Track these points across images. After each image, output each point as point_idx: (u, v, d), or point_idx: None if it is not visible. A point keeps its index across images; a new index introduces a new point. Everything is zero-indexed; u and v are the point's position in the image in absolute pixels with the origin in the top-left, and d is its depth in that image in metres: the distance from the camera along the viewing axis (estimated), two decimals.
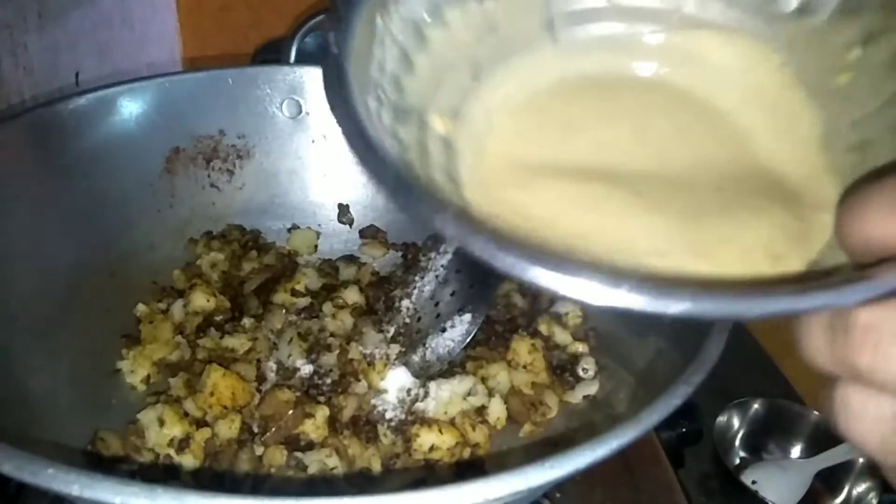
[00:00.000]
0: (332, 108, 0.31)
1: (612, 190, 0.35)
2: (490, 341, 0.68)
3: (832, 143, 0.35)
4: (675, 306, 0.23)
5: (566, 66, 0.42)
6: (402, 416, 0.60)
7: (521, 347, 0.65)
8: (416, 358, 0.64)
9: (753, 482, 0.81)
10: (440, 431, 0.58)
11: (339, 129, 0.30)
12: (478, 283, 0.66)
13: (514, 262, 0.24)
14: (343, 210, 0.81)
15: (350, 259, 0.77)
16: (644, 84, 0.41)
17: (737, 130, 0.39)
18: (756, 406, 0.85)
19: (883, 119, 0.33)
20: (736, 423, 0.86)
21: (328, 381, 0.62)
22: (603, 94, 0.41)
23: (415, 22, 0.39)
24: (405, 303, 0.67)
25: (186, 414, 0.58)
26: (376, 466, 0.58)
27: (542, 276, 0.24)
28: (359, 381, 0.62)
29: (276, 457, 0.56)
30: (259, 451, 0.57)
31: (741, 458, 0.86)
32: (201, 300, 0.68)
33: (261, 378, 0.62)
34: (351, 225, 0.81)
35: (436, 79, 0.40)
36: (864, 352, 0.22)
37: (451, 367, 0.64)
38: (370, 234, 0.80)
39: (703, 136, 0.39)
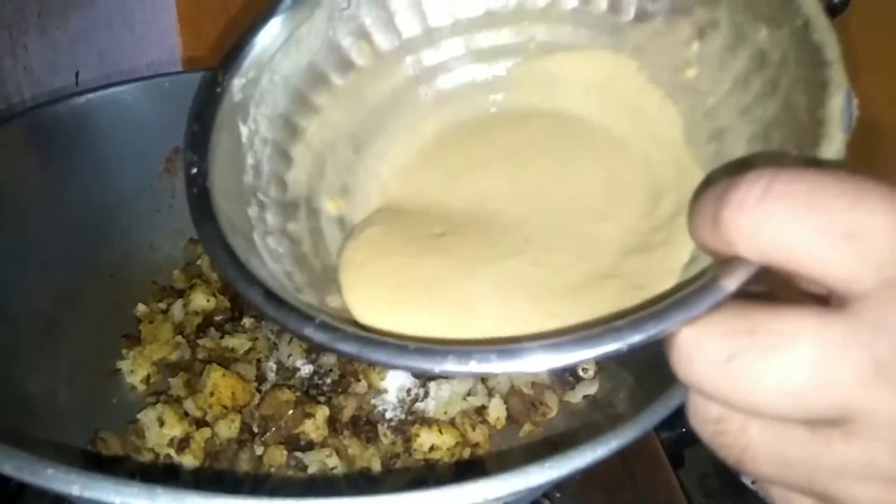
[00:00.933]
0: (200, 235, 0.33)
1: (477, 261, 0.36)
2: None
3: (694, 136, 0.37)
4: (521, 365, 0.26)
5: (440, 118, 0.43)
6: (402, 416, 0.60)
7: None
8: None
9: (753, 482, 0.81)
10: (440, 431, 0.58)
11: (207, 254, 0.34)
12: None
13: (381, 359, 0.28)
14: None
15: None
16: (517, 116, 0.43)
17: (611, 142, 0.40)
18: None
19: (730, 105, 0.35)
20: None
21: (328, 381, 0.62)
22: (480, 135, 0.43)
23: (282, 116, 0.40)
24: None
25: (186, 414, 0.58)
26: (376, 466, 0.58)
27: (405, 365, 0.28)
28: (359, 381, 0.62)
29: (276, 457, 0.56)
30: (259, 451, 0.57)
31: None
32: (201, 300, 0.68)
33: (261, 378, 0.62)
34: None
35: (319, 163, 0.41)
36: (679, 366, 0.26)
37: None
38: None
39: (579, 159, 0.40)
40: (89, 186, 0.69)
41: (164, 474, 0.56)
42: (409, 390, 0.61)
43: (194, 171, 0.35)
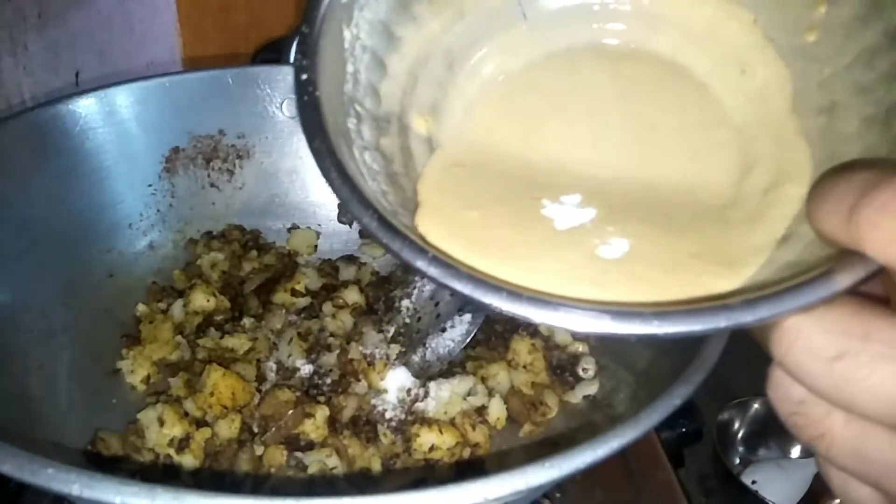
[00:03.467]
0: (312, 149, 0.32)
1: (539, 202, 0.35)
2: (490, 341, 0.68)
3: (802, 104, 0.35)
4: (641, 328, 0.26)
5: (540, 42, 0.41)
6: (402, 416, 0.60)
7: (521, 347, 0.65)
8: (416, 358, 0.64)
9: (753, 482, 0.81)
10: (440, 431, 0.58)
11: (319, 171, 0.31)
12: None
13: (493, 303, 0.27)
14: (343, 210, 0.81)
15: (350, 259, 0.77)
16: (614, 56, 0.41)
17: (710, 100, 0.38)
18: (756, 406, 0.86)
19: (848, 80, 0.33)
20: (736, 423, 0.86)
21: (328, 381, 0.62)
22: (572, 72, 0.41)
23: (383, 23, 0.39)
24: (405, 303, 0.67)
25: (186, 414, 0.58)
26: (376, 466, 0.58)
27: (518, 312, 0.27)
28: (359, 381, 0.62)
29: (276, 457, 0.56)
30: (259, 451, 0.57)
31: (741, 458, 0.86)
32: (201, 300, 0.68)
33: (261, 378, 0.62)
34: (351, 225, 0.81)
35: (412, 77, 0.40)
36: (779, 349, 0.26)
37: (451, 367, 0.64)
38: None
39: (672, 114, 0.38)
40: (89, 186, 0.69)
41: (164, 474, 0.56)
42: (409, 390, 0.61)
43: (304, 77, 0.34)
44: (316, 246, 0.80)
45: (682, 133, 0.38)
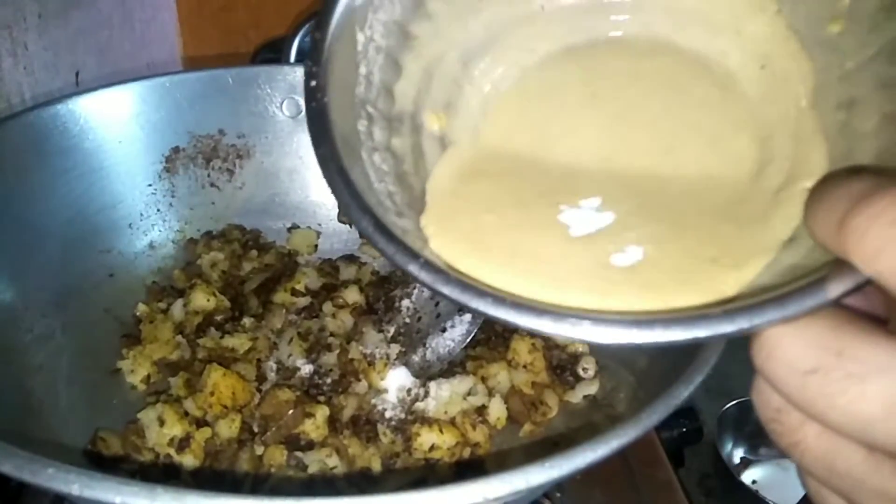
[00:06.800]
0: (317, 154, 0.33)
1: (557, 207, 0.35)
2: (490, 341, 0.68)
3: (822, 99, 0.35)
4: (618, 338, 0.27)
5: (558, 37, 0.41)
6: (402, 416, 0.60)
7: (521, 347, 0.64)
8: (416, 358, 0.64)
9: (753, 482, 0.81)
10: (440, 431, 0.58)
11: (322, 175, 0.33)
12: None
13: (479, 307, 0.28)
14: (344, 211, 0.81)
15: (350, 259, 0.77)
16: (633, 49, 0.40)
17: (731, 94, 0.38)
18: None
19: (870, 74, 0.33)
20: (736, 423, 0.86)
21: (328, 380, 0.62)
22: (590, 67, 0.40)
23: (397, 23, 0.39)
24: (405, 303, 0.67)
25: (186, 413, 0.58)
26: (376, 466, 0.58)
27: (501, 317, 0.28)
28: (359, 380, 0.62)
29: (276, 456, 0.56)
30: (259, 450, 0.57)
31: (741, 458, 0.86)
32: (201, 300, 0.68)
33: (261, 378, 0.62)
34: (351, 225, 0.81)
35: (427, 75, 0.40)
36: (758, 357, 0.27)
37: (451, 367, 0.64)
38: None
39: (691, 110, 0.38)
40: (89, 186, 0.69)
41: (164, 474, 0.56)
42: (409, 390, 0.61)
43: (313, 83, 0.34)
44: (316, 246, 0.80)
45: (701, 127, 0.37)
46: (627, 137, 0.38)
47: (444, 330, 0.65)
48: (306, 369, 0.63)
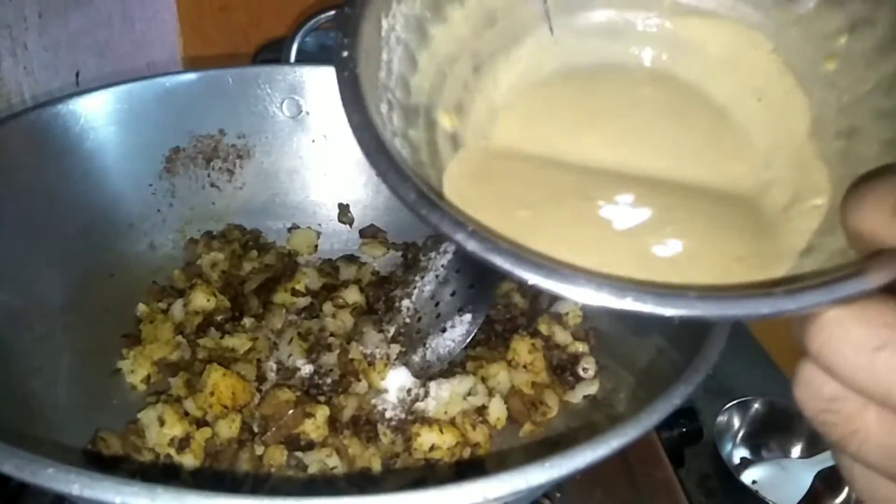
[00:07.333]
0: (351, 122, 0.32)
1: (595, 202, 0.35)
2: (490, 341, 0.68)
3: (821, 129, 0.36)
4: (681, 309, 0.26)
5: (564, 56, 0.42)
6: (403, 416, 0.60)
7: (521, 347, 0.65)
8: (416, 358, 0.64)
9: (753, 482, 0.81)
10: (440, 431, 0.58)
11: (357, 143, 0.31)
12: (478, 283, 0.66)
13: (534, 276, 0.27)
14: (343, 210, 0.81)
15: (350, 259, 0.77)
16: (635, 75, 0.41)
17: (728, 124, 0.39)
18: (756, 406, 0.85)
19: (868, 106, 0.34)
20: (736, 423, 0.86)
21: (328, 380, 0.62)
22: (599, 86, 0.41)
23: (417, 18, 0.39)
24: (405, 303, 0.67)
25: (187, 414, 0.58)
26: (376, 466, 0.58)
27: (555, 289, 0.27)
28: (359, 380, 0.62)
29: (276, 457, 0.56)
30: (259, 450, 0.57)
31: (741, 458, 0.86)
32: (201, 300, 0.68)
33: (261, 378, 0.62)
34: (351, 225, 0.81)
35: (440, 75, 0.40)
36: (815, 343, 0.26)
37: (451, 367, 0.64)
38: (370, 233, 0.80)
39: (694, 130, 0.39)
40: (89, 186, 0.69)
41: (164, 474, 0.56)
42: (409, 390, 0.61)
43: (345, 54, 0.34)
44: (316, 246, 0.80)
45: (701, 153, 0.38)
46: (636, 148, 0.38)
47: (444, 330, 0.65)
48: (306, 369, 0.63)
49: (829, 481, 0.81)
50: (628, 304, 0.26)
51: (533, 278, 0.27)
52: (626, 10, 0.42)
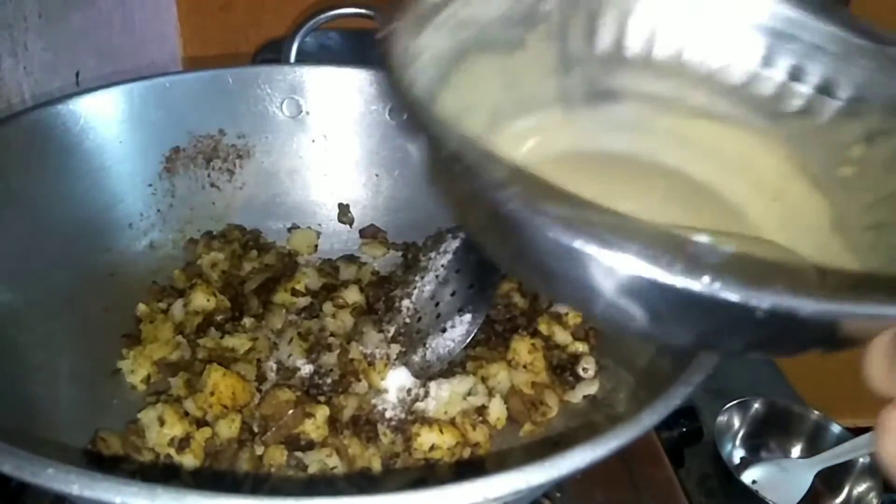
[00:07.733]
0: (392, 86, 0.32)
1: None
2: (490, 341, 0.68)
3: (845, 225, 0.36)
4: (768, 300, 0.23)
5: (578, 139, 0.42)
6: (403, 416, 0.60)
7: (521, 347, 0.65)
8: (416, 358, 0.64)
9: (753, 482, 0.81)
10: (440, 431, 0.58)
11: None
12: (478, 283, 0.66)
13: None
14: (343, 210, 0.81)
15: (350, 259, 0.77)
16: (653, 167, 0.41)
17: (741, 219, 0.39)
18: (756, 406, 0.85)
19: (892, 204, 0.34)
20: (736, 423, 0.86)
21: (328, 380, 0.62)
22: (613, 170, 0.41)
23: (452, 49, 0.39)
24: (405, 303, 0.67)
25: (187, 414, 0.58)
26: (376, 466, 0.58)
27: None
28: (359, 380, 0.62)
29: (277, 456, 0.56)
30: (259, 450, 0.57)
31: (741, 458, 0.86)
32: (201, 300, 0.68)
33: (261, 378, 0.62)
34: (351, 225, 0.81)
35: (456, 119, 0.40)
36: None
37: (451, 367, 0.64)
38: (370, 233, 0.80)
39: (708, 219, 0.39)
40: (89, 186, 0.69)
41: (164, 474, 0.56)
42: (409, 390, 0.61)
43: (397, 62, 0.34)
44: (316, 246, 0.80)
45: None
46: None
47: (444, 330, 0.65)
48: (306, 369, 0.63)
49: (828, 481, 0.81)
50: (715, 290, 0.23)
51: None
52: (643, 106, 0.42)
